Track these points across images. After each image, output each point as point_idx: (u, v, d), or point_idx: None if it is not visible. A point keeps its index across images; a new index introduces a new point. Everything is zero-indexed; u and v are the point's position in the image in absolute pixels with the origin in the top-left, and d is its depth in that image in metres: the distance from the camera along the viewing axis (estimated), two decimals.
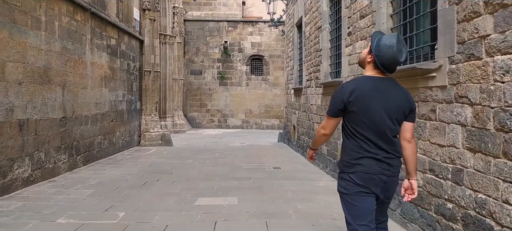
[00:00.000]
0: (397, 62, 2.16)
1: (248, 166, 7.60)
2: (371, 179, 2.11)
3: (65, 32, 6.44)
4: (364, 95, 2.12)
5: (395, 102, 2.14)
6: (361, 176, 2.12)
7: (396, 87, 2.21)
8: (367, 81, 2.19)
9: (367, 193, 2.13)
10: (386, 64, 2.15)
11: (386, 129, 2.12)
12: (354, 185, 2.13)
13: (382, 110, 2.11)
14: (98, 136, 7.87)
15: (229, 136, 14.32)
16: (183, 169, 7.15)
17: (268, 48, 17.60)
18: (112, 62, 8.62)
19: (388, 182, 2.16)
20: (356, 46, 5.15)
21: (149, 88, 10.92)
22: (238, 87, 17.70)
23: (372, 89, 2.14)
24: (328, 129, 2.27)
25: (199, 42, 17.58)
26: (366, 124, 2.11)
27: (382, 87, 2.15)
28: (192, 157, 8.69)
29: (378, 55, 2.15)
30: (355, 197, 2.14)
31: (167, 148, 10.33)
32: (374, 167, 2.11)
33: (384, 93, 2.14)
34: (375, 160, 2.11)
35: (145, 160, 8.19)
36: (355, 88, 2.14)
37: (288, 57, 11.65)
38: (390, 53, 2.12)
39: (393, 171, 2.16)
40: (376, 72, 2.20)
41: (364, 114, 2.11)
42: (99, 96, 7.92)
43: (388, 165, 2.13)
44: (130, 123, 9.99)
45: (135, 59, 10.30)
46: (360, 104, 2.11)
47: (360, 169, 2.12)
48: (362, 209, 2.13)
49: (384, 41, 2.16)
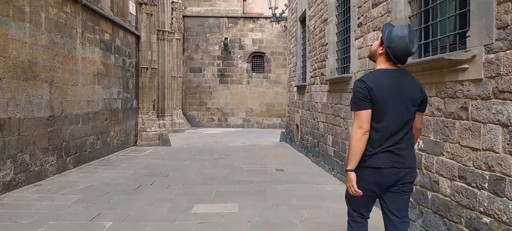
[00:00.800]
0: (409, 52, 2.16)
1: (249, 167, 7.17)
2: (381, 173, 2.15)
3: (52, 25, 6.00)
4: (381, 88, 2.12)
5: (409, 94, 2.17)
6: (371, 171, 2.15)
7: (409, 78, 2.23)
8: (382, 75, 2.18)
9: (372, 190, 2.21)
10: (399, 55, 2.15)
11: (401, 121, 2.14)
12: (363, 180, 2.16)
13: (398, 102, 2.13)
14: (91, 136, 7.44)
15: (229, 135, 13.89)
16: (180, 171, 6.72)
17: (269, 45, 17.14)
18: (105, 58, 8.18)
19: (400, 173, 2.16)
20: (368, 38, 4.70)
21: (146, 86, 10.48)
22: (239, 85, 17.26)
23: (389, 81, 2.15)
24: (365, 124, 2.12)
25: (198, 39, 17.13)
26: (383, 117, 2.13)
27: (398, 79, 2.17)
28: (190, 158, 8.25)
29: (390, 47, 2.15)
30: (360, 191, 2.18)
31: (164, 148, 9.91)
32: (384, 160, 2.13)
33: (399, 85, 2.15)
34: (388, 152, 2.13)
35: (140, 161, 7.76)
36: (375, 81, 2.14)
37: (291, 54, 11.20)
38: (402, 44, 2.12)
39: (405, 163, 2.17)
40: (388, 64, 2.21)
41: (383, 108, 2.12)
42: (92, 94, 7.49)
43: (400, 157, 2.15)
44: (126, 122, 9.56)
45: (131, 55, 9.86)
46: (380, 97, 2.11)
47: (372, 164, 2.14)
48: (362, 204, 2.28)
49: (395, 32, 2.15)
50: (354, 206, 2.32)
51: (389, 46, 2.15)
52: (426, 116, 3.27)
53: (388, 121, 2.12)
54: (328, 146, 6.60)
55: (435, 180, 3.16)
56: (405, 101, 2.15)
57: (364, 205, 2.30)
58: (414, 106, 2.19)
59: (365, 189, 2.18)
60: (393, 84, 2.14)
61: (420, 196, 3.40)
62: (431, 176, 3.22)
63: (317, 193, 5.11)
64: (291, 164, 7.56)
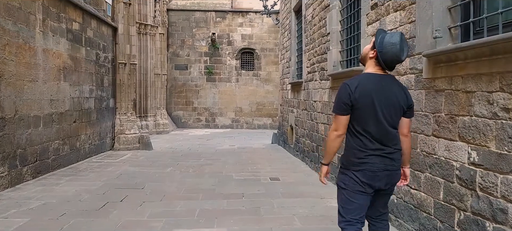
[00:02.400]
0: (399, 60, 2.19)
1: (239, 175, 6.24)
2: (376, 176, 2.19)
3: (1, 8, 4.97)
4: (367, 92, 2.15)
5: (395, 99, 2.20)
6: (367, 174, 2.18)
7: (396, 85, 2.26)
8: (369, 78, 2.21)
9: (365, 192, 2.22)
10: (388, 61, 2.18)
11: (388, 125, 2.18)
12: (356, 183, 2.20)
13: (384, 107, 2.17)
14: (55, 141, 6.40)
15: (217, 137, 12.93)
16: (159, 181, 5.75)
17: (259, 41, 16.21)
18: (74, 50, 7.14)
19: (390, 175, 2.24)
20: (386, 22, 3.82)
21: (124, 83, 9.45)
22: (227, 84, 16.29)
23: (374, 86, 2.17)
24: (341, 128, 2.22)
25: (184, 34, 16.08)
26: (369, 121, 2.16)
27: (384, 84, 2.19)
28: (173, 164, 7.28)
29: (381, 52, 2.18)
30: (354, 195, 2.22)
31: (145, 153, 8.90)
32: (378, 164, 2.18)
33: (386, 90, 2.18)
34: (380, 157, 2.18)
35: (114, 169, 6.75)
36: (359, 85, 2.16)
37: (284, 48, 10.30)
38: (393, 51, 2.15)
39: (396, 165, 2.25)
40: (377, 69, 2.23)
41: (367, 111, 2.16)
42: (56, 92, 6.45)
43: (392, 160, 2.22)
44: (101, 123, 8.52)
45: (106, 49, 8.82)
46: (364, 101, 2.15)
47: (366, 168, 2.18)
48: (356, 206, 2.23)
49: (387, 39, 2.18)
50: (350, 211, 2.25)
51: (380, 51, 2.18)
52: (485, 119, 2.40)
53: (373, 125, 2.17)
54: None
55: (501, 207, 2.29)
56: (390, 106, 2.18)
57: (361, 208, 2.25)
58: (399, 111, 2.23)
59: (360, 191, 2.21)
60: (379, 89, 2.17)
61: (472, 226, 2.53)
62: (493, 202, 2.35)
63: (323, 211, 4.21)
64: (287, 171, 6.66)
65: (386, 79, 2.22)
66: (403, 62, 2.62)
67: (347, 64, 5.47)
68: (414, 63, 3.30)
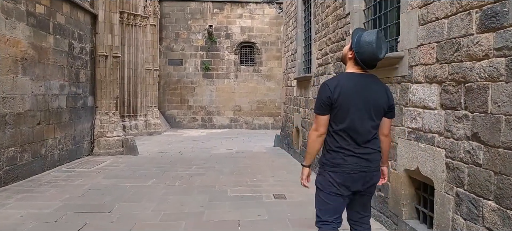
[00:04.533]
0: (377, 58, 2.16)
1: (236, 191, 5.06)
2: (350, 177, 2.15)
3: None
4: (346, 92, 2.12)
5: (375, 99, 2.17)
6: (341, 176, 2.15)
7: (377, 84, 2.23)
8: (349, 78, 2.19)
9: (341, 194, 2.18)
10: (366, 60, 2.16)
11: (367, 126, 2.14)
12: (331, 185, 2.17)
13: (363, 107, 2.13)
14: (10, 148, 5.21)
15: (214, 139, 11.74)
16: (134, 200, 4.57)
17: (260, 34, 14.98)
18: (38, 38, 5.95)
19: (367, 177, 2.19)
20: None
21: (105, 79, 8.25)
22: (226, 80, 15.07)
23: (354, 86, 2.15)
24: (321, 128, 2.19)
25: (178, 26, 14.85)
26: (347, 121, 2.12)
27: (363, 84, 2.17)
28: (158, 174, 6.10)
29: (359, 52, 2.15)
30: (329, 196, 2.19)
31: (128, 159, 7.71)
32: (354, 165, 2.14)
33: (365, 90, 2.15)
34: (355, 157, 2.14)
35: (84, 182, 5.56)
36: (338, 85, 2.13)
37: (288, 39, 9.10)
38: (370, 50, 2.13)
39: (372, 166, 2.20)
40: (356, 68, 2.20)
41: (346, 111, 2.11)
42: (11, 88, 5.26)
43: (368, 161, 2.17)
44: (76, 125, 7.33)
45: (83, 39, 7.62)
46: (343, 101, 2.11)
47: (341, 169, 2.15)
48: (332, 208, 2.20)
49: (364, 38, 2.16)
50: (325, 211, 2.22)
51: (357, 51, 2.15)
52: None
53: (351, 125, 2.12)
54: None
55: None
56: (369, 106, 2.14)
57: (337, 210, 2.21)
58: (379, 111, 2.19)
59: (335, 193, 2.18)
60: (358, 88, 2.14)
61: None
62: None
63: None
64: (295, 185, 5.45)
65: (366, 79, 2.19)
66: (481, 43, 2.26)
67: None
68: (505, 40, 2.10)
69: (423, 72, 2.93)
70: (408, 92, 3.19)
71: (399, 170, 3.30)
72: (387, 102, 2.19)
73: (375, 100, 2.14)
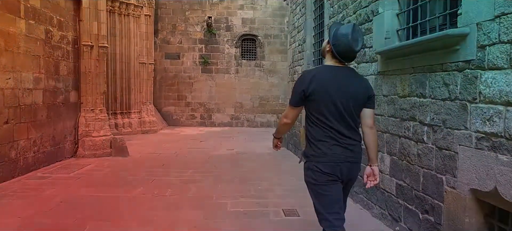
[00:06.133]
0: (352, 51, 2.17)
1: (237, 205, 4.20)
2: (337, 166, 2.14)
3: None
4: (323, 84, 2.13)
5: (353, 90, 2.16)
6: (328, 165, 2.13)
7: (354, 76, 2.25)
8: (326, 70, 2.23)
9: (334, 180, 2.15)
10: (342, 53, 2.17)
11: (346, 116, 2.14)
12: (322, 174, 2.14)
13: (342, 98, 2.13)
14: None
15: (213, 137, 10.87)
16: (111, 218, 3.71)
17: (263, 26, 14.07)
18: (4, 23, 5.07)
19: (351, 168, 2.19)
20: None
21: (91, 72, 7.37)
22: (226, 75, 14.18)
23: (331, 77, 2.17)
24: (290, 118, 2.29)
25: (176, 17, 13.95)
26: (328, 112, 2.13)
27: (341, 75, 2.18)
28: (146, 182, 5.24)
29: (335, 44, 2.18)
30: (325, 187, 2.15)
31: (116, 161, 6.85)
32: (339, 155, 2.13)
33: (342, 81, 2.16)
34: (340, 147, 2.14)
35: (56, 191, 4.69)
36: (314, 77, 2.15)
37: (295, 29, 8.22)
38: (345, 42, 2.15)
39: (356, 157, 2.20)
40: (334, 61, 2.23)
41: (324, 102, 2.13)
42: None
43: (352, 152, 2.17)
44: (55, 123, 6.47)
45: (64, 26, 6.74)
46: (320, 92, 2.12)
47: (327, 159, 2.13)
48: (331, 198, 2.16)
49: (340, 31, 2.19)
50: (326, 206, 2.15)
51: (334, 44, 2.18)
52: None
53: (332, 116, 2.12)
54: (380, 171, 3.67)
55: None
56: (347, 98, 2.13)
57: (335, 199, 2.16)
58: (358, 102, 2.17)
59: (328, 181, 2.13)
60: (335, 80, 2.15)
61: None
62: None
63: None
64: (308, 196, 4.58)
65: (344, 71, 2.21)
66: None
67: (408, 33, 3.39)
68: None
69: (508, 53, 2.06)
70: (476, 83, 2.32)
71: (462, 190, 2.43)
72: (365, 93, 2.19)
73: (353, 92, 2.14)
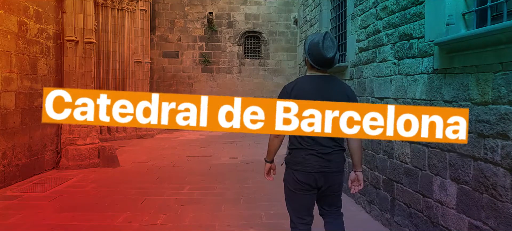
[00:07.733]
0: (325, 58, 2.21)
1: None
2: (311, 175, 2.22)
3: None
4: (303, 92, 2.20)
5: (334, 97, 2.19)
6: (302, 174, 2.24)
7: (335, 83, 2.31)
8: (306, 80, 2.29)
9: (307, 190, 2.26)
10: (317, 61, 2.24)
11: None
12: (297, 182, 2.26)
13: None
14: None
15: (214, 143, 9.97)
16: None
17: (267, 23, 13.18)
18: None
19: (329, 177, 2.25)
20: None
21: (76, 71, 6.48)
22: (228, 75, 13.29)
23: (311, 86, 2.24)
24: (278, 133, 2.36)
25: (174, 13, 13.06)
26: None
27: (321, 84, 2.25)
28: (134, 203, 4.35)
29: (309, 54, 2.26)
30: (296, 193, 2.29)
31: (104, 173, 5.96)
32: (313, 165, 2.22)
33: (323, 89, 2.23)
34: (315, 156, 2.21)
35: (21, 219, 3.79)
36: (294, 87, 2.25)
37: (306, 23, 7.32)
38: (317, 51, 2.21)
39: (333, 167, 2.25)
40: (314, 70, 2.30)
41: None
42: None
43: (328, 161, 2.23)
44: (32, 130, 5.58)
45: (43, 18, 5.85)
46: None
47: (301, 168, 2.24)
48: (300, 205, 2.31)
49: (313, 40, 2.26)
50: (296, 211, 2.31)
51: (308, 54, 2.26)
52: None
53: None
54: (439, 202, 2.77)
55: None
56: None
57: (305, 207, 2.29)
58: None
59: (301, 190, 2.25)
60: (315, 89, 2.22)
61: None
62: None
63: None
64: None
65: (324, 79, 2.26)
66: None
67: (479, 19, 2.50)
68: None
69: None
70: None
71: None
72: (346, 99, 2.20)
73: (334, 99, 2.14)
